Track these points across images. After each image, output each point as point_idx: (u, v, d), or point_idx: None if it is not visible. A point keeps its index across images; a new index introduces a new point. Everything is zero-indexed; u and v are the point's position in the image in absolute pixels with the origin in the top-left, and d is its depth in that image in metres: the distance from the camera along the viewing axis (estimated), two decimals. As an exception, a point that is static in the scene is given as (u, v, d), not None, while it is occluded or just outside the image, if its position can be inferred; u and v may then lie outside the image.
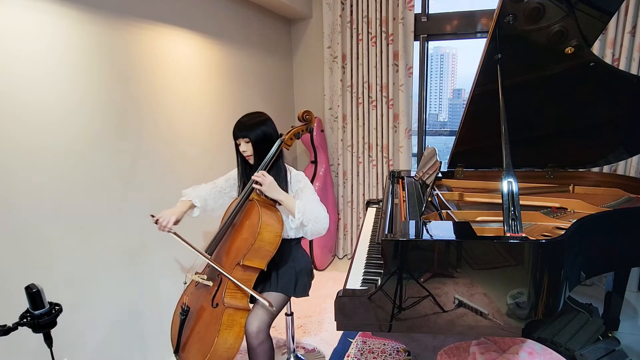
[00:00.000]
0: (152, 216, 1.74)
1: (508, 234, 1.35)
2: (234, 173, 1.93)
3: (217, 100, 2.59)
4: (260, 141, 1.73)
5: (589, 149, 2.28)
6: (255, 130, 1.72)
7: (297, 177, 1.79)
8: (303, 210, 1.65)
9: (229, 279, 1.64)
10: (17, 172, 1.47)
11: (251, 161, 1.77)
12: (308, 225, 1.66)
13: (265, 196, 1.70)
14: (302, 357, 2.31)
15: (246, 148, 1.74)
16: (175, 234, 1.72)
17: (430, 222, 1.51)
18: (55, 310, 1.17)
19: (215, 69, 2.56)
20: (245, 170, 1.83)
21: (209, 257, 1.71)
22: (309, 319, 2.74)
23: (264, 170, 1.71)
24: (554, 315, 1.35)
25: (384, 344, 2.44)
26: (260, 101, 3.13)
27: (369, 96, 3.37)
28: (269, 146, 1.74)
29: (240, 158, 1.80)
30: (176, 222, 1.75)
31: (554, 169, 2.39)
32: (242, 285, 1.65)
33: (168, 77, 2.17)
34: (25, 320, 1.13)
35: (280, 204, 1.72)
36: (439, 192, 2.07)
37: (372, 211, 2.51)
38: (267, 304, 1.65)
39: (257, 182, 1.66)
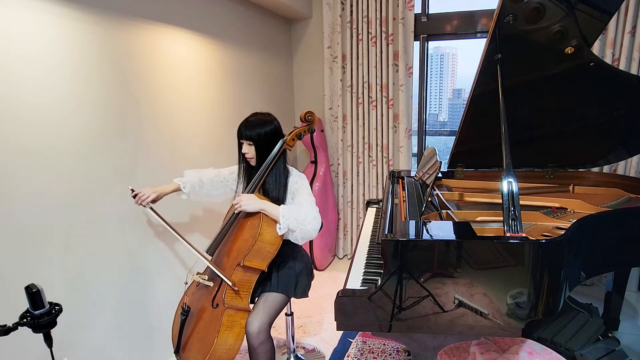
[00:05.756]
0: (132, 190, 1.79)
1: (508, 234, 1.35)
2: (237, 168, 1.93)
3: (217, 100, 2.59)
4: (263, 144, 1.71)
5: (589, 149, 2.28)
6: (260, 133, 1.70)
7: (294, 178, 1.77)
8: (287, 215, 1.60)
9: (221, 277, 1.64)
10: (17, 172, 1.47)
11: (252, 163, 1.77)
12: (296, 229, 1.61)
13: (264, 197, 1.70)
14: (302, 357, 2.31)
15: (248, 150, 1.73)
16: (152, 209, 1.78)
17: (430, 222, 1.51)
18: (55, 310, 1.17)
19: (215, 69, 2.56)
20: (247, 169, 1.83)
21: (207, 257, 1.71)
22: (309, 319, 2.74)
23: (265, 171, 1.71)
24: (554, 315, 1.35)
25: (384, 344, 2.44)
26: (260, 101, 3.13)
27: (369, 96, 3.37)
28: (272, 149, 1.73)
29: (242, 157, 1.79)
30: (154, 201, 1.80)
31: (554, 169, 2.39)
32: (220, 274, 1.64)
33: (168, 77, 2.17)
34: (25, 320, 1.13)
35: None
36: (439, 192, 2.07)
37: (372, 211, 2.51)
38: (230, 283, 1.65)
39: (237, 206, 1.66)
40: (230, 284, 1.64)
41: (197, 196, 1.96)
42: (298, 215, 1.61)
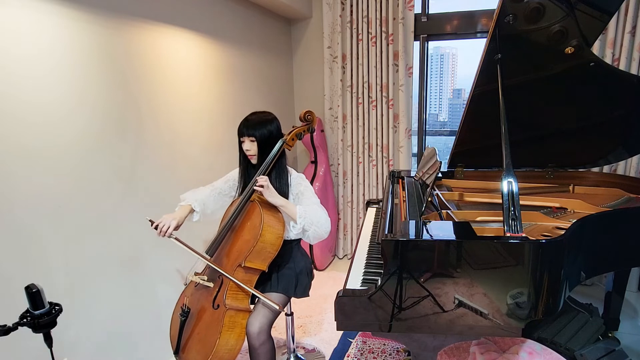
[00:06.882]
0: (151, 222, 1.66)
1: (508, 234, 1.35)
2: (233, 174, 1.92)
3: (217, 100, 2.59)
4: (265, 141, 1.72)
5: (589, 149, 2.27)
6: (262, 129, 1.70)
7: (297, 179, 1.79)
8: (304, 215, 1.64)
9: (232, 280, 1.64)
10: (17, 172, 1.47)
11: (254, 161, 1.76)
12: (310, 229, 1.65)
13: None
14: (302, 357, 2.30)
15: (250, 147, 1.73)
16: (176, 239, 1.66)
17: (430, 222, 1.51)
18: (55, 310, 1.17)
19: (215, 69, 2.56)
20: (247, 169, 1.83)
21: (210, 259, 1.71)
22: (309, 319, 2.74)
23: (266, 171, 1.71)
24: (554, 315, 1.35)
25: (384, 344, 2.44)
26: (260, 101, 3.13)
27: (369, 96, 3.37)
28: (273, 146, 1.73)
29: (243, 156, 1.79)
30: (177, 228, 1.69)
31: (554, 169, 2.39)
32: (244, 286, 1.64)
33: (168, 77, 2.17)
34: (25, 320, 1.13)
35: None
36: (439, 192, 2.07)
37: (372, 211, 2.51)
38: (276, 307, 1.65)
39: (259, 185, 1.63)
40: (235, 280, 1.63)
41: (206, 216, 1.87)
42: (313, 217, 1.65)
